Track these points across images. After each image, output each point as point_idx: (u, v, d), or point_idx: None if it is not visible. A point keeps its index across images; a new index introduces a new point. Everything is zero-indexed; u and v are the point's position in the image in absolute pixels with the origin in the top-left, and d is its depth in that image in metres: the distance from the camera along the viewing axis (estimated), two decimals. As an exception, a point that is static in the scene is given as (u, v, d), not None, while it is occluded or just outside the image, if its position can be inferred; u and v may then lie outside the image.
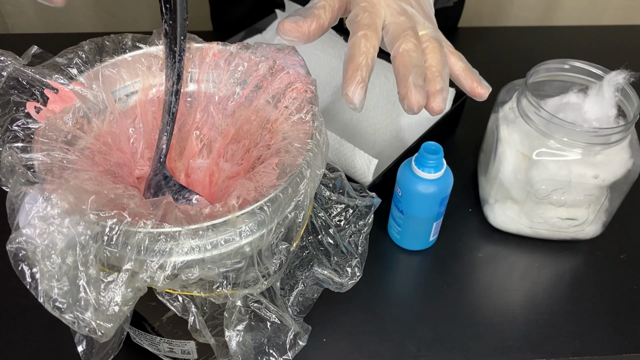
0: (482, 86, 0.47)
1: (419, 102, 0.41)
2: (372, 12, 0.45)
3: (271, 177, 0.41)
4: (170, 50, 0.47)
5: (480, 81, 0.47)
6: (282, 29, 0.45)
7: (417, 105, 0.41)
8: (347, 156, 0.63)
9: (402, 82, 0.42)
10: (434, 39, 0.45)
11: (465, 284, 0.61)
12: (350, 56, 0.43)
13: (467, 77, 0.48)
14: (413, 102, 0.41)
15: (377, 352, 0.55)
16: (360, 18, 0.45)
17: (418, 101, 0.41)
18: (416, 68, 0.42)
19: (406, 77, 0.42)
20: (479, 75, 0.48)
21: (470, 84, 0.47)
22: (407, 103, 0.41)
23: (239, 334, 0.42)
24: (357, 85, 0.41)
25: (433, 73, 0.43)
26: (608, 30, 1.04)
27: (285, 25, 0.45)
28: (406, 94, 0.41)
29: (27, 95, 0.43)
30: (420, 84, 0.42)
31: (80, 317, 0.35)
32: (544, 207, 0.61)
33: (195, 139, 0.53)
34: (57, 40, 0.95)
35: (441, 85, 0.43)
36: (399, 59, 0.43)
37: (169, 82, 0.47)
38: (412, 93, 0.41)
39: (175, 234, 0.36)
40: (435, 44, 0.45)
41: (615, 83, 0.58)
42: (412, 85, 0.41)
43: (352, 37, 0.44)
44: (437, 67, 0.44)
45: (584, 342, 0.56)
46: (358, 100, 0.42)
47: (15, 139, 0.40)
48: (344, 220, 0.53)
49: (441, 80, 0.43)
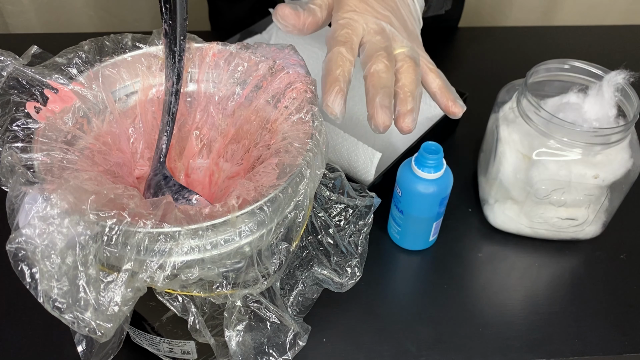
0: (456, 105, 0.49)
1: (385, 122, 0.43)
2: (349, 29, 0.46)
3: (271, 177, 0.41)
4: (170, 50, 0.47)
5: (455, 100, 0.49)
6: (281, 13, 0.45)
7: (382, 125, 0.43)
8: (350, 150, 0.64)
9: (370, 102, 0.43)
10: (409, 57, 0.46)
11: (465, 284, 0.61)
12: (328, 70, 0.44)
13: (443, 95, 0.49)
14: (379, 122, 0.42)
15: (377, 352, 0.55)
16: (337, 34, 0.46)
17: (384, 121, 0.42)
18: (384, 89, 0.43)
19: (374, 97, 0.43)
20: (455, 94, 0.49)
21: (445, 102, 0.49)
22: (373, 122, 0.43)
23: (239, 334, 0.42)
24: (337, 95, 0.43)
25: (405, 93, 0.44)
26: (608, 30, 1.04)
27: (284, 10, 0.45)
28: (373, 114, 0.43)
29: (27, 95, 0.43)
30: (387, 104, 0.43)
31: (80, 317, 0.35)
32: (544, 207, 0.61)
33: (195, 139, 0.53)
34: (57, 40, 0.95)
35: (412, 105, 0.44)
36: (369, 79, 0.44)
37: (168, 82, 0.47)
38: (379, 114, 0.42)
39: (175, 234, 0.36)
40: (410, 63, 0.46)
41: (615, 83, 0.58)
42: (378, 106, 0.42)
43: (329, 53, 0.45)
44: (409, 87, 0.45)
45: (584, 342, 0.56)
46: (339, 110, 0.43)
47: (15, 139, 0.40)
48: (343, 220, 0.53)
49: (412, 100, 0.44)
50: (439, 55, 0.94)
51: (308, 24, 0.47)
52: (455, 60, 0.94)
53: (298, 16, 0.46)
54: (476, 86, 0.79)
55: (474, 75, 0.89)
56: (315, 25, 0.48)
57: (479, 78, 0.88)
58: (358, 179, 0.64)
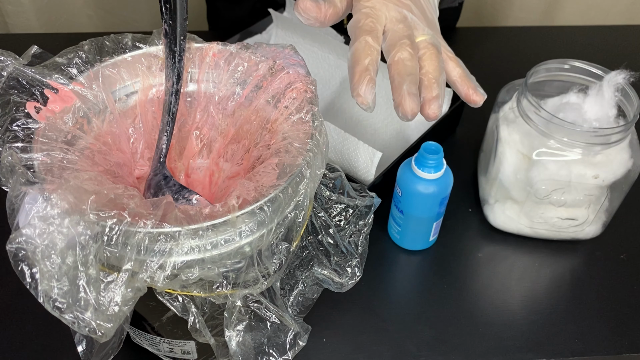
0: (477, 93, 0.48)
1: (413, 109, 0.42)
2: (373, 18, 0.46)
3: (271, 177, 0.41)
4: (170, 50, 0.47)
5: (476, 88, 0.48)
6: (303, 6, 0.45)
7: (411, 113, 0.42)
8: (350, 149, 0.64)
9: (397, 90, 0.43)
10: (432, 45, 0.46)
11: (465, 284, 0.61)
12: (356, 59, 0.43)
13: (464, 83, 0.48)
14: (407, 109, 0.42)
15: (377, 352, 0.55)
16: (362, 24, 0.45)
17: (412, 109, 0.42)
18: (410, 76, 0.43)
19: (400, 85, 0.42)
20: (475, 82, 0.49)
21: (466, 90, 0.48)
22: (401, 110, 0.42)
23: (239, 334, 0.42)
24: (368, 84, 0.42)
25: (429, 80, 0.44)
26: (608, 30, 1.04)
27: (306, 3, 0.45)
28: (400, 101, 0.42)
29: (27, 95, 0.43)
30: (414, 92, 0.42)
31: (80, 317, 0.35)
32: (544, 207, 0.61)
33: (195, 139, 0.53)
34: (57, 40, 0.95)
35: (437, 91, 0.44)
36: (394, 67, 0.44)
37: (168, 82, 0.47)
38: (407, 101, 0.42)
39: (175, 234, 0.36)
40: (433, 50, 0.46)
41: (615, 83, 0.58)
42: (406, 93, 0.42)
43: (355, 42, 0.44)
44: (433, 74, 0.44)
45: (584, 342, 0.56)
46: (370, 99, 0.42)
47: (15, 139, 0.40)
48: (344, 220, 0.53)
49: (437, 86, 0.44)
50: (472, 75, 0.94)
51: (329, 15, 0.46)
52: (455, 60, 0.94)
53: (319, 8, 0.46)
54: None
55: (474, 75, 0.89)
56: (336, 16, 0.47)
57: (479, 78, 0.87)
58: (358, 179, 0.64)
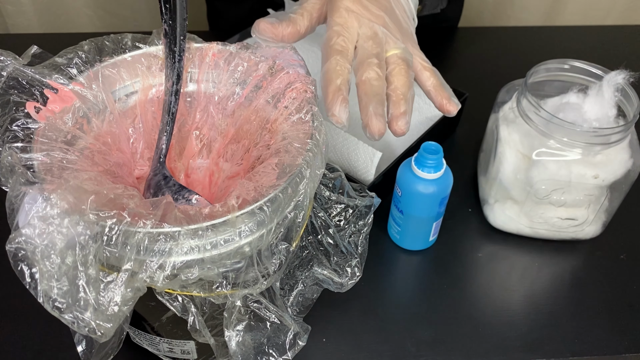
0: (451, 103, 0.49)
1: (380, 129, 0.44)
2: (344, 36, 0.47)
3: (271, 177, 0.41)
4: (170, 50, 0.47)
5: (450, 98, 0.49)
6: (257, 28, 0.47)
7: (378, 133, 0.44)
8: (350, 149, 0.64)
9: (364, 110, 0.44)
10: (402, 60, 0.47)
11: (465, 284, 0.61)
12: (328, 80, 0.45)
13: (438, 93, 0.49)
14: (374, 130, 0.44)
15: (377, 352, 0.55)
16: (333, 42, 0.47)
17: (379, 129, 0.44)
18: (376, 97, 0.44)
19: (367, 106, 0.44)
20: (450, 92, 0.50)
21: (440, 100, 0.49)
22: (369, 131, 0.44)
23: (239, 334, 0.42)
24: (341, 105, 0.44)
25: (397, 96, 0.45)
26: (608, 30, 1.04)
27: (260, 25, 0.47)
28: (367, 122, 0.44)
29: (27, 95, 0.43)
30: (380, 112, 0.44)
31: (79, 317, 0.35)
32: (544, 207, 0.61)
33: (195, 139, 0.53)
34: (57, 40, 0.95)
35: (404, 108, 0.45)
36: (361, 87, 0.45)
37: (168, 82, 0.47)
38: (373, 122, 0.43)
39: (174, 234, 0.36)
40: (402, 65, 0.47)
41: (615, 83, 0.58)
42: (372, 114, 0.44)
43: (326, 62, 0.46)
44: (401, 90, 0.45)
45: (584, 342, 0.56)
46: (344, 118, 0.44)
47: (15, 139, 0.40)
48: (343, 220, 0.53)
49: (404, 103, 0.45)
50: (439, 55, 0.94)
51: (287, 34, 0.48)
52: (455, 60, 0.94)
53: (274, 28, 0.48)
54: (476, 86, 0.79)
55: (474, 75, 0.89)
56: (296, 35, 0.49)
57: (479, 78, 0.88)
58: (358, 179, 0.64)
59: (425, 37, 0.55)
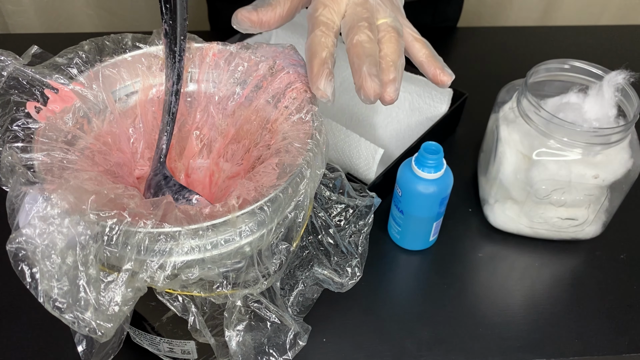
0: (445, 73, 0.47)
1: (375, 90, 0.41)
2: (331, 7, 0.45)
3: (271, 177, 0.41)
4: (170, 50, 0.47)
5: (443, 68, 0.47)
6: (235, 19, 0.45)
7: (373, 94, 0.41)
8: (352, 146, 0.64)
9: (357, 72, 0.42)
10: (392, 28, 0.45)
11: (465, 284, 0.61)
12: (313, 52, 0.43)
13: (431, 63, 0.47)
14: (369, 91, 0.41)
15: (377, 352, 0.55)
16: (318, 13, 0.45)
17: (374, 89, 0.41)
18: (369, 58, 0.42)
19: (360, 67, 0.42)
20: (442, 62, 0.48)
21: (433, 70, 0.47)
22: (363, 92, 0.42)
23: (239, 334, 0.42)
24: (327, 78, 0.42)
25: (387, 63, 0.43)
26: (608, 30, 1.04)
27: (237, 15, 0.45)
28: (362, 84, 0.41)
29: (27, 95, 0.43)
30: (374, 73, 0.42)
31: (80, 317, 0.35)
32: (544, 207, 0.61)
33: (195, 139, 0.53)
34: (58, 40, 0.95)
35: (394, 75, 0.43)
36: (353, 50, 0.43)
37: (169, 82, 0.47)
38: (367, 82, 0.41)
39: (175, 234, 0.36)
40: (393, 33, 0.45)
41: (615, 83, 0.58)
42: (366, 74, 0.41)
43: (311, 34, 0.44)
44: (391, 57, 0.44)
45: (584, 342, 0.56)
46: (330, 92, 0.42)
47: (15, 139, 0.40)
48: (344, 220, 0.53)
49: (394, 70, 0.43)
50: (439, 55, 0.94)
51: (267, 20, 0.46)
52: (455, 60, 0.94)
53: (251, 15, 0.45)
54: (476, 86, 0.79)
55: (474, 75, 0.89)
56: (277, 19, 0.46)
57: (479, 78, 0.88)
58: (359, 176, 0.64)
59: (425, 37, 0.54)
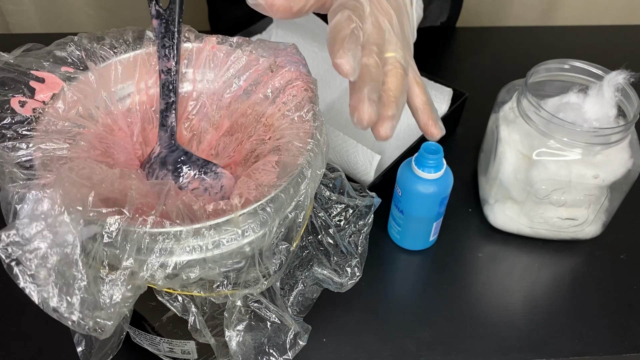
0: (436, 126, 0.44)
1: (371, 116, 0.37)
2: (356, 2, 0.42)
3: (271, 175, 0.41)
4: (167, 30, 0.47)
5: (436, 120, 0.44)
6: None
7: (367, 119, 0.37)
8: (349, 152, 0.64)
9: (357, 92, 0.38)
10: (400, 64, 0.42)
11: (465, 284, 0.61)
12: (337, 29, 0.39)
13: (426, 112, 0.44)
14: (364, 115, 0.37)
15: (377, 352, 0.55)
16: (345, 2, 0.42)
17: (370, 115, 0.37)
18: (373, 83, 0.39)
19: (361, 88, 0.38)
20: (437, 114, 0.45)
21: (426, 120, 0.44)
22: (357, 115, 0.37)
23: (239, 333, 0.42)
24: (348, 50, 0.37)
25: (389, 97, 0.40)
26: (608, 30, 1.04)
27: None
28: (357, 105, 0.37)
29: (13, 91, 0.42)
30: (374, 99, 0.38)
31: (79, 316, 0.35)
32: (544, 207, 0.61)
33: (185, 129, 0.52)
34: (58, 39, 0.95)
35: (394, 112, 0.39)
36: None
37: (169, 61, 0.47)
38: (365, 105, 0.37)
39: (176, 233, 0.36)
40: (400, 70, 0.42)
41: (615, 83, 0.58)
42: (366, 97, 0.37)
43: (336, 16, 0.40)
44: (394, 93, 0.40)
45: (584, 342, 0.56)
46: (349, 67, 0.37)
47: (6, 137, 0.40)
48: (343, 220, 0.53)
49: (395, 106, 0.40)
50: (439, 55, 0.94)
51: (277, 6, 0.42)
52: (455, 60, 0.94)
53: None
54: (476, 86, 0.79)
55: (474, 75, 0.89)
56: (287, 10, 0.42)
57: (479, 78, 0.88)
58: (357, 181, 0.64)
59: (425, 37, 0.54)
